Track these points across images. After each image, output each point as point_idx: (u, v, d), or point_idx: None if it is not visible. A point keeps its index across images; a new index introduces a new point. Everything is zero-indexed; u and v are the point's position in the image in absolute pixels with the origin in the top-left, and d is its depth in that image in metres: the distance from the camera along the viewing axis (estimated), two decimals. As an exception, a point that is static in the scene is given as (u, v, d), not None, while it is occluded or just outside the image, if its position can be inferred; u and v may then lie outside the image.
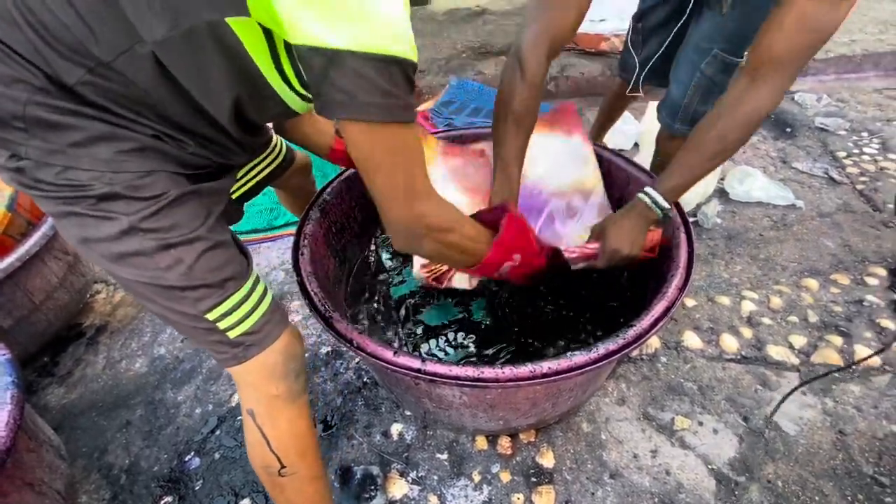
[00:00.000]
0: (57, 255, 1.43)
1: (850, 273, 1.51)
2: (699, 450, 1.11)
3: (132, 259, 0.61)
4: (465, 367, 0.80)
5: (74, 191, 0.57)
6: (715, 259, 1.60)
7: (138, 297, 0.66)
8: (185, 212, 0.63)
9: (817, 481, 1.04)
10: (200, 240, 0.64)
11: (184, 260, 0.62)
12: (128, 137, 0.58)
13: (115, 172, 0.57)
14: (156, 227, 0.60)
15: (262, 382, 0.72)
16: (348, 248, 1.34)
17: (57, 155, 0.55)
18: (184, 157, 0.64)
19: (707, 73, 1.17)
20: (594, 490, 1.06)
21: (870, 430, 1.12)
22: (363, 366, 1.35)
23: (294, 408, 0.75)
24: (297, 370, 0.76)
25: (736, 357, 1.30)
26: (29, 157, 0.55)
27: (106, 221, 0.59)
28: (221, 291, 0.66)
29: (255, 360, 0.70)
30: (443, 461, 1.13)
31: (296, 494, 0.80)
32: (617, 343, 0.82)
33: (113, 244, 0.60)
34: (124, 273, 0.62)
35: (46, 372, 1.44)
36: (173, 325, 0.68)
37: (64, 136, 0.55)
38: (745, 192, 1.82)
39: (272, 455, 0.74)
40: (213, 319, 0.66)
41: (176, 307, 0.64)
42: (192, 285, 0.63)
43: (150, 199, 0.59)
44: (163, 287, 0.63)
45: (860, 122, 2.23)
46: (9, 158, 0.56)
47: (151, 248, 0.60)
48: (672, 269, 0.95)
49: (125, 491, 1.13)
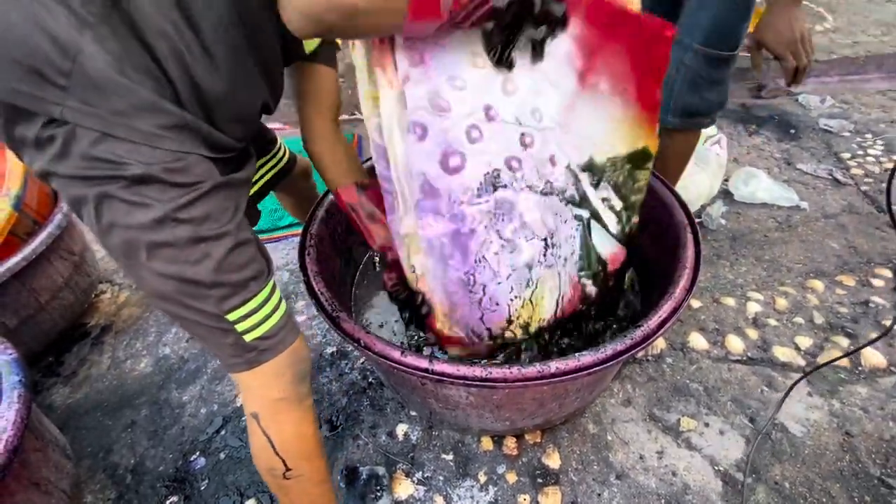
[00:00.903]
0: (63, 254, 1.43)
1: (855, 274, 1.50)
2: (705, 451, 1.11)
3: (161, 250, 0.58)
4: (473, 366, 0.80)
5: (109, 168, 0.54)
6: (720, 260, 1.60)
7: (153, 292, 0.63)
8: (217, 204, 0.62)
9: (824, 482, 1.04)
10: (229, 235, 0.63)
11: (212, 255, 0.60)
12: (169, 112, 0.56)
13: (153, 148, 0.55)
14: (190, 218, 0.58)
15: (268, 386, 0.71)
16: (354, 249, 1.34)
17: (95, 119, 0.52)
18: (214, 137, 0.62)
19: (692, 67, 1.20)
20: (600, 491, 1.05)
21: (877, 432, 1.11)
22: (368, 366, 1.35)
23: (299, 411, 0.75)
24: (303, 374, 0.75)
25: (742, 358, 1.30)
26: (65, 118, 0.52)
27: (140, 208, 0.56)
28: (245, 291, 0.64)
29: (265, 365, 0.69)
30: (448, 462, 1.13)
31: (301, 497, 0.79)
32: (624, 343, 0.82)
33: (143, 233, 0.57)
34: (148, 264, 0.59)
35: (51, 372, 1.44)
36: (188, 324, 0.65)
37: (108, 99, 0.52)
38: (749, 194, 1.82)
39: (277, 458, 0.73)
40: (233, 320, 0.64)
41: (196, 305, 0.62)
42: (218, 282, 0.61)
43: (185, 186, 0.58)
44: (187, 282, 0.60)
45: (864, 124, 2.23)
46: (43, 126, 0.53)
47: (183, 240, 0.58)
48: (679, 270, 0.95)
49: (131, 490, 1.13)
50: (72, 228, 1.49)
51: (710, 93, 1.22)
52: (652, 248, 1.21)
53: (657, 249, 1.18)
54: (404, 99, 0.70)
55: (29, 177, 1.34)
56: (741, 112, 2.43)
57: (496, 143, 0.77)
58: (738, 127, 2.31)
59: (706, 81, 1.20)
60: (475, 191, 0.78)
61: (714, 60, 1.18)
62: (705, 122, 1.30)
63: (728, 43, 1.16)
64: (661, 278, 1.09)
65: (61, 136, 0.53)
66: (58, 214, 1.38)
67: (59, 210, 1.40)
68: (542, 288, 0.89)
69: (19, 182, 1.30)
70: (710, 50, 1.16)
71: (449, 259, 0.80)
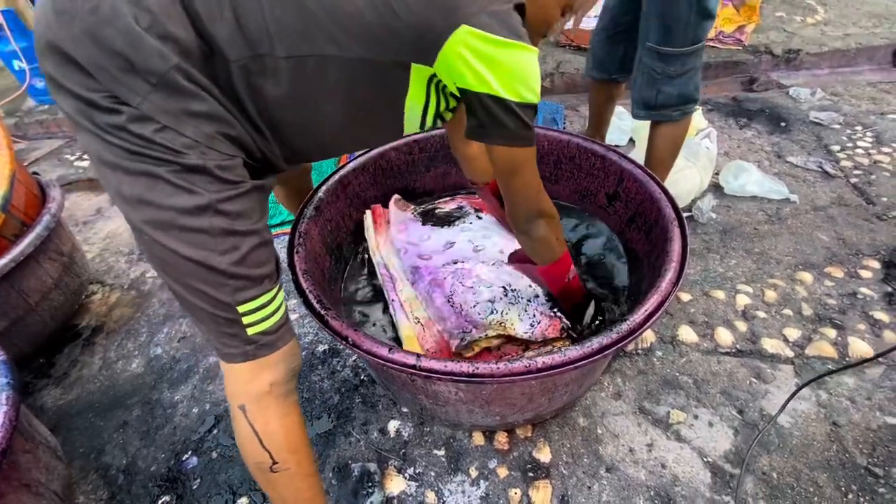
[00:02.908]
0: (52, 255, 1.42)
1: (844, 266, 1.51)
2: (694, 443, 1.12)
3: (193, 235, 0.62)
4: (460, 362, 0.80)
5: (166, 152, 0.58)
6: (710, 253, 1.60)
7: (169, 271, 0.65)
8: (251, 204, 0.67)
9: (811, 473, 1.05)
10: (256, 234, 0.67)
11: (240, 248, 0.65)
12: (231, 124, 0.64)
13: (209, 147, 0.61)
14: (228, 211, 0.63)
15: (259, 381, 0.72)
16: (344, 247, 1.34)
17: (167, 115, 0.57)
18: (258, 153, 0.69)
19: (647, 64, 1.32)
20: (590, 484, 1.06)
21: (863, 422, 1.13)
22: (360, 363, 1.35)
23: (285, 405, 0.76)
24: (294, 372, 0.77)
25: (731, 350, 1.31)
26: (140, 108, 0.56)
27: (185, 193, 0.60)
28: (259, 287, 0.68)
29: (261, 359, 0.71)
30: (440, 457, 1.13)
31: (288, 490, 0.80)
32: (611, 337, 0.82)
33: (180, 215, 0.60)
34: (173, 244, 0.62)
35: (42, 373, 1.44)
36: (194, 308, 0.67)
37: (184, 102, 0.58)
38: (739, 187, 1.82)
39: (264, 451, 0.74)
40: (242, 312, 0.67)
41: (211, 291, 0.65)
42: (238, 274, 0.65)
43: (231, 182, 0.63)
44: (209, 268, 0.63)
45: (854, 116, 2.24)
46: (107, 98, 0.57)
47: (218, 230, 0.62)
48: (666, 264, 0.96)
49: (123, 491, 1.14)
50: (60, 229, 1.48)
51: (667, 87, 1.32)
52: (640, 242, 1.22)
53: (645, 243, 1.18)
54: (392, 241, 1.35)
55: (15, 178, 1.33)
56: (732, 105, 2.44)
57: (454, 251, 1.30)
58: (728, 120, 2.32)
59: (662, 76, 1.30)
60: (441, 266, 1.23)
61: (666, 57, 1.28)
62: (673, 114, 1.37)
63: (679, 41, 1.24)
64: (650, 272, 1.10)
65: (127, 115, 0.57)
66: (45, 216, 1.37)
67: (46, 211, 1.39)
68: (511, 315, 1.09)
69: (6, 183, 1.29)
70: (661, 48, 1.27)
71: (433, 294, 1.17)
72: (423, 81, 0.71)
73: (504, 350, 1.07)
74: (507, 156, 0.77)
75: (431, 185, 1.55)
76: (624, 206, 1.29)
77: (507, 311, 1.08)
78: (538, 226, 0.89)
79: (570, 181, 1.43)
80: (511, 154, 0.76)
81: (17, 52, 2.76)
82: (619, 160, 1.27)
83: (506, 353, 1.07)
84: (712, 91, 2.67)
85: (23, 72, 2.84)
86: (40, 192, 1.48)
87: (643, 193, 1.19)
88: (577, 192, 1.43)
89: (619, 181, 1.28)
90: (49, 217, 1.38)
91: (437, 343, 1.10)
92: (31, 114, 2.94)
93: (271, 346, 0.71)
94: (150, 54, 0.55)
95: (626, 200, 1.27)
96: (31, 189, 1.44)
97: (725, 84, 2.73)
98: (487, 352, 1.07)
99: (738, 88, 2.67)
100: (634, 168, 1.23)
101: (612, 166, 1.29)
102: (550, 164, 1.43)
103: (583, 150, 1.35)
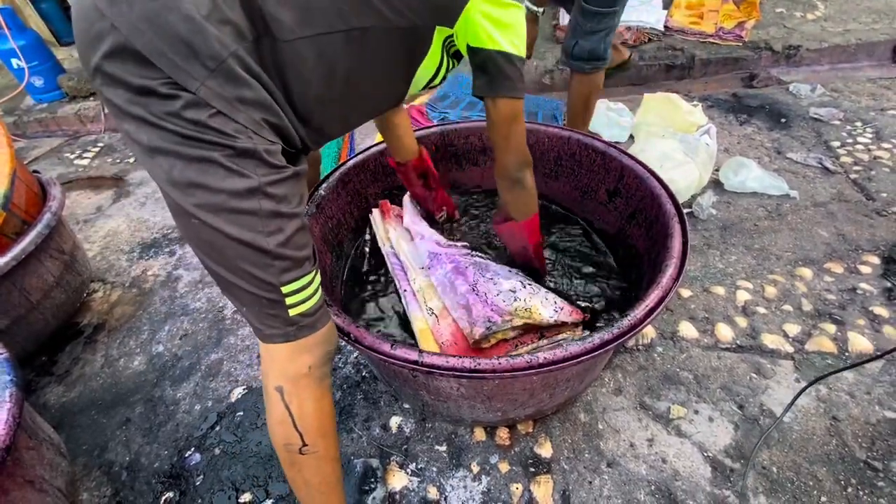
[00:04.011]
0: (53, 254, 1.43)
1: (843, 261, 1.52)
2: (695, 438, 1.12)
3: (243, 217, 0.63)
4: (462, 358, 0.81)
5: (220, 136, 0.60)
6: (710, 249, 1.61)
7: (216, 253, 0.66)
8: (293, 188, 0.69)
9: (811, 467, 1.05)
10: (298, 217, 0.69)
11: (285, 230, 0.66)
12: (275, 112, 0.66)
13: (256, 134, 0.63)
14: (275, 194, 0.65)
15: (297, 362, 0.74)
16: (345, 243, 1.34)
17: (221, 101, 0.59)
18: (292, 138, 0.71)
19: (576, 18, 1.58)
20: (591, 479, 1.07)
21: (863, 416, 1.13)
22: (362, 360, 1.35)
23: (321, 388, 0.77)
24: (330, 356, 0.78)
25: (731, 346, 1.31)
26: (197, 93, 0.58)
27: (238, 176, 0.62)
28: (302, 269, 0.70)
29: (301, 340, 0.72)
30: (442, 453, 1.14)
31: (313, 473, 0.81)
32: (612, 333, 0.82)
33: (231, 198, 0.62)
34: (224, 226, 0.63)
35: (45, 371, 1.44)
36: (236, 290, 0.68)
37: (238, 89, 0.61)
38: (739, 183, 1.82)
39: (296, 432, 0.75)
40: (286, 293, 0.68)
41: (257, 272, 0.66)
42: (283, 255, 0.66)
43: (277, 167, 0.66)
44: (256, 249, 0.65)
45: (854, 112, 2.24)
46: (165, 84, 0.58)
47: (266, 212, 0.64)
48: (666, 260, 0.96)
49: (126, 487, 1.14)
50: (61, 227, 1.49)
51: (585, 41, 1.56)
52: (641, 239, 1.22)
53: (646, 239, 1.18)
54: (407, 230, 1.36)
55: (16, 176, 1.33)
56: (732, 102, 2.44)
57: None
58: (728, 116, 2.32)
59: (583, 31, 1.54)
60: (461, 256, 1.24)
61: (587, 13, 1.52)
62: (584, 66, 1.62)
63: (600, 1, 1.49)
64: (650, 268, 1.10)
65: (183, 100, 0.58)
66: (46, 214, 1.38)
67: (47, 209, 1.39)
68: (534, 302, 1.08)
69: (7, 181, 1.29)
70: (585, 4, 1.51)
71: (455, 281, 1.15)
72: (440, 43, 0.80)
73: (520, 339, 1.07)
74: (509, 107, 0.87)
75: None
76: (624, 203, 1.29)
77: (529, 299, 1.08)
78: (528, 174, 1.01)
79: (571, 178, 1.43)
80: (513, 105, 0.87)
81: (16, 51, 2.75)
82: (620, 156, 1.27)
83: (522, 342, 1.06)
84: (712, 87, 2.67)
85: (21, 70, 2.83)
86: (41, 191, 1.48)
87: (644, 190, 1.19)
88: (577, 188, 1.43)
89: (620, 177, 1.28)
90: (50, 215, 1.38)
91: (453, 335, 1.08)
92: (29, 112, 2.93)
93: (311, 327, 0.72)
94: (211, 40, 0.57)
95: (626, 197, 1.27)
96: (32, 187, 1.44)
97: (725, 80, 2.73)
98: (504, 342, 1.06)
99: (738, 84, 2.67)
100: (635, 164, 1.23)
101: (613, 162, 1.29)
102: (551, 160, 1.43)
103: (583, 147, 1.35)
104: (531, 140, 1.44)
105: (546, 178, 1.48)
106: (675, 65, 2.73)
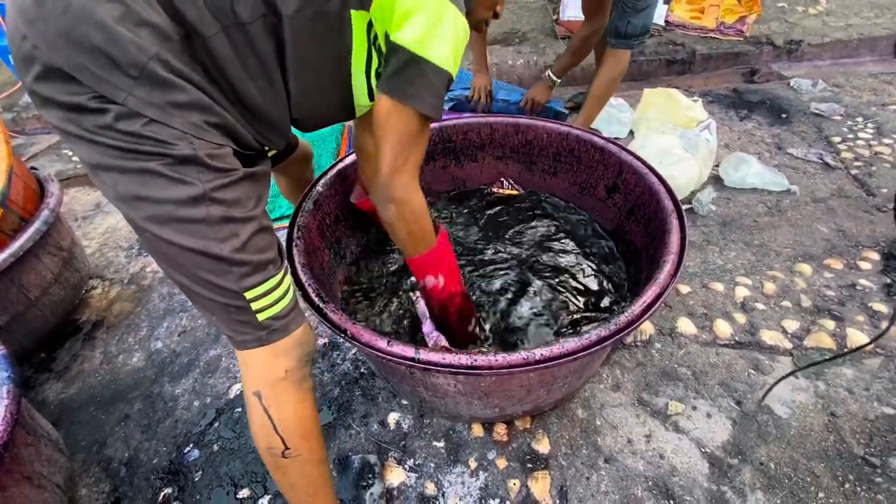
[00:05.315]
0: (51, 250, 1.42)
1: (843, 258, 1.51)
2: (693, 434, 1.12)
3: (192, 226, 0.62)
4: (459, 354, 0.80)
5: (156, 146, 0.58)
6: (709, 245, 1.60)
7: (174, 265, 0.65)
8: (246, 191, 0.67)
9: (809, 463, 1.05)
10: (254, 220, 0.68)
11: (239, 235, 0.65)
12: (216, 112, 0.64)
13: (198, 138, 0.61)
14: (224, 199, 0.63)
15: (273, 366, 0.73)
16: (343, 240, 1.34)
17: (153, 108, 0.57)
18: (245, 138, 0.69)
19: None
20: (589, 475, 1.07)
21: (861, 412, 1.13)
22: (360, 356, 1.35)
23: (300, 392, 0.77)
24: (307, 357, 0.78)
25: (729, 342, 1.31)
26: (126, 104, 0.56)
27: (179, 184, 0.60)
28: (264, 272, 0.68)
29: (274, 344, 0.71)
30: (439, 449, 1.14)
31: (298, 477, 0.81)
32: (609, 329, 0.82)
33: (177, 208, 0.61)
34: (174, 237, 0.62)
35: (44, 367, 1.44)
36: (202, 300, 0.68)
37: (169, 94, 0.58)
38: (739, 179, 1.82)
39: (277, 436, 0.75)
40: (250, 298, 0.67)
41: (216, 280, 0.65)
42: (240, 261, 0.65)
43: (223, 171, 0.63)
44: (212, 257, 0.63)
45: (855, 107, 2.23)
46: (93, 98, 0.56)
47: (215, 219, 0.62)
48: (664, 256, 0.96)
49: (125, 483, 1.14)
50: (59, 224, 1.48)
51: (637, 18, 1.55)
52: (639, 235, 1.22)
53: (645, 236, 1.18)
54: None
55: (14, 173, 1.33)
56: (732, 97, 2.43)
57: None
58: (728, 112, 2.31)
59: (633, 10, 1.53)
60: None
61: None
62: (633, 42, 1.62)
63: None
64: (649, 264, 1.10)
65: (114, 112, 0.56)
66: (44, 210, 1.37)
67: (45, 206, 1.39)
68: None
69: (4, 178, 1.29)
70: None
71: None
72: (363, 33, 0.73)
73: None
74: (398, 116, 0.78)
75: (430, 177, 1.54)
76: (623, 199, 1.28)
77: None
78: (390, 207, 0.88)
79: (570, 174, 1.43)
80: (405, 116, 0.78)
81: (14, 47, 2.74)
82: (619, 152, 1.26)
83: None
84: (713, 83, 2.65)
85: (19, 66, 2.83)
86: (38, 187, 1.48)
87: (642, 185, 1.19)
88: (576, 184, 1.43)
89: (619, 173, 1.28)
90: (48, 212, 1.37)
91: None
92: (28, 109, 2.93)
93: (284, 329, 0.72)
94: (128, 46, 0.54)
95: (625, 193, 1.27)
96: (30, 184, 1.44)
97: (726, 75, 2.71)
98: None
99: (738, 80, 2.66)
100: (634, 160, 1.23)
101: (612, 158, 1.28)
102: (550, 156, 1.43)
103: (582, 143, 1.35)
104: (531, 135, 1.43)
105: (545, 174, 1.48)
106: (675, 60, 2.72)
